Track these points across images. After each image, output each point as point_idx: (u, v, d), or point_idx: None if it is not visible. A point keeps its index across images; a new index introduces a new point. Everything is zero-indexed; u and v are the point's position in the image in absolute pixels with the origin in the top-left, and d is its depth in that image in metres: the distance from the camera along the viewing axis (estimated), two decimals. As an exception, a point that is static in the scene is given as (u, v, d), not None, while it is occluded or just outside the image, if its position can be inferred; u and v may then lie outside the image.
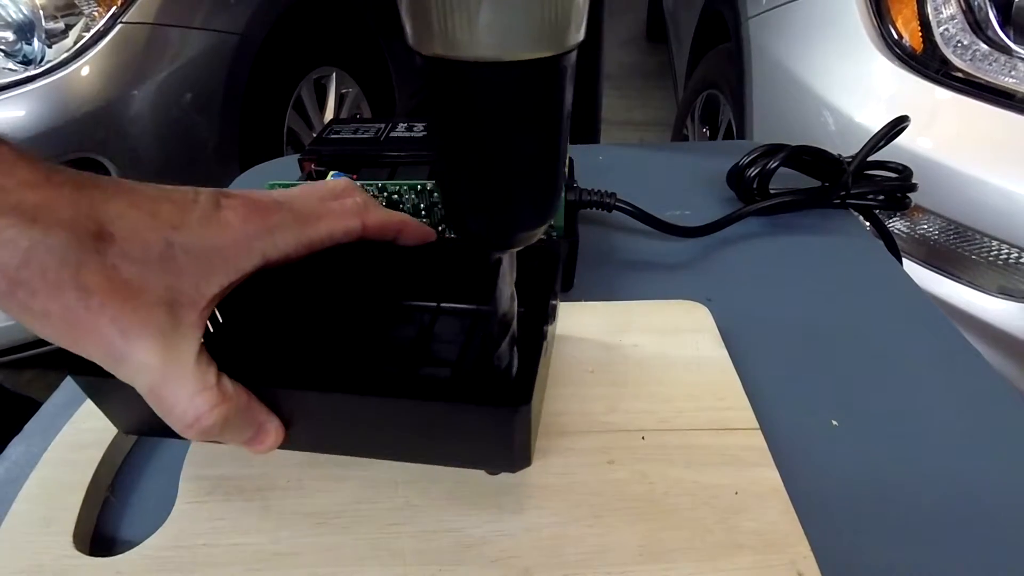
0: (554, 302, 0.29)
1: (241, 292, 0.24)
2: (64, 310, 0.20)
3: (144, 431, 0.29)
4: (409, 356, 0.31)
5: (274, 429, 0.25)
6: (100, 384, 0.26)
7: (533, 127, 0.18)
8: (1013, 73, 0.75)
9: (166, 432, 0.24)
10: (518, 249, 0.22)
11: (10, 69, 1.00)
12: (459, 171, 0.19)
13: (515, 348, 0.25)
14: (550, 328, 0.28)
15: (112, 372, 0.22)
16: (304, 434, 0.26)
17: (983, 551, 0.27)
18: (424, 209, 0.42)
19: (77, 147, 1.01)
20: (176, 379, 0.22)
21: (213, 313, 0.25)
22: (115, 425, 0.29)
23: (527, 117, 0.17)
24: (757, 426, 0.31)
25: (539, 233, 0.21)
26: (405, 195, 0.42)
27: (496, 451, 0.26)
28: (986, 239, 0.75)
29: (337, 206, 0.27)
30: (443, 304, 0.32)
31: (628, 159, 0.62)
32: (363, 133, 0.47)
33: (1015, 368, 0.75)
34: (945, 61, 0.79)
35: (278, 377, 0.25)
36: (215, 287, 0.23)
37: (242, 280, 0.24)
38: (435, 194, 0.41)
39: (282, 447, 0.26)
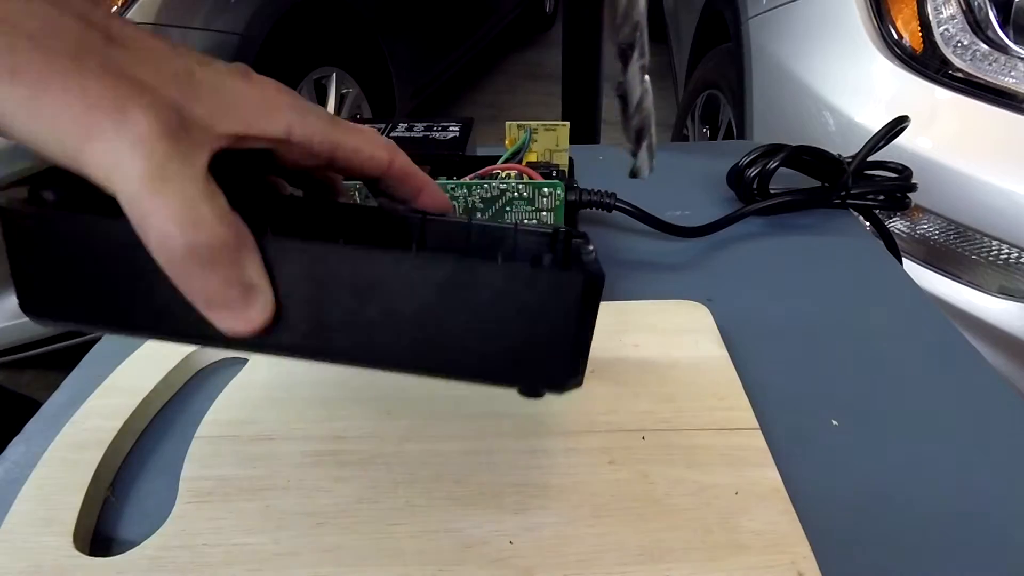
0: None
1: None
2: (41, 70, 0.16)
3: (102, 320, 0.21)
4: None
5: (263, 300, 0.20)
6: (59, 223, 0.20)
7: None
8: (1013, 73, 0.75)
9: (120, 324, 0.20)
10: None
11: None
12: None
13: (646, 80, 0.20)
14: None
15: (80, 153, 0.17)
16: (298, 325, 0.21)
17: (983, 551, 0.27)
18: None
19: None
20: (176, 179, 0.17)
21: None
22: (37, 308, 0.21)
23: None
24: (757, 426, 0.31)
25: None
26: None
27: (547, 349, 0.21)
28: (986, 239, 0.75)
29: (370, 131, 0.25)
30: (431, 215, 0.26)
31: (628, 159, 0.61)
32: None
33: (1015, 368, 0.75)
34: (945, 61, 0.79)
35: (277, 227, 0.20)
36: (230, 127, 0.19)
37: (258, 143, 0.20)
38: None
39: (271, 349, 0.21)
